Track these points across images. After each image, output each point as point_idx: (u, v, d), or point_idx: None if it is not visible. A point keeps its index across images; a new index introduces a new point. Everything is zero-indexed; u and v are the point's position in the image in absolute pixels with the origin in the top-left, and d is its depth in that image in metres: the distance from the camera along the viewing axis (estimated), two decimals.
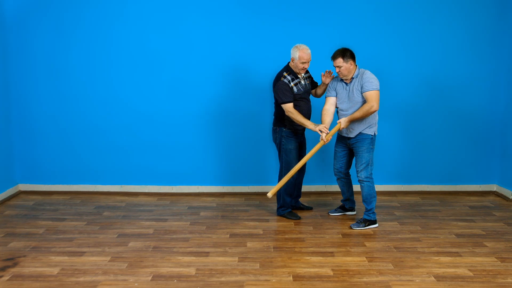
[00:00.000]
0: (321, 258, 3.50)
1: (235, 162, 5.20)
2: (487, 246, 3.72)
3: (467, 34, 5.03)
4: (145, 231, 4.04)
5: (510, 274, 3.24)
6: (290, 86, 4.11)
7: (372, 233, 4.03)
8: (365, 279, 3.16)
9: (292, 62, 4.14)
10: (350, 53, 3.97)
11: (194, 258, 3.50)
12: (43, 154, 5.17)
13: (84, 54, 5.01)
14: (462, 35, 5.03)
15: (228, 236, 3.95)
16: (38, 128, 5.13)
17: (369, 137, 4.06)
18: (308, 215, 4.48)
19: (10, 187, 5.08)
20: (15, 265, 3.35)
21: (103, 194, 5.17)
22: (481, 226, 4.19)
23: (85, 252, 3.60)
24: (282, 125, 4.27)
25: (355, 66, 4.02)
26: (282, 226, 4.19)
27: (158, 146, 5.16)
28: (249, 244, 3.77)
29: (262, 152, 5.18)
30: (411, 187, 5.30)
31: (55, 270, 3.27)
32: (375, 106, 3.90)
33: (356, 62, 4.06)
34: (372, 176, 4.09)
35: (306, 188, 5.13)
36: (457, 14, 5.00)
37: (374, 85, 3.92)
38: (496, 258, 3.50)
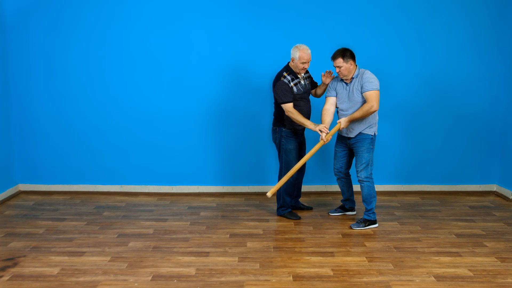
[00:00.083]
0: (321, 258, 3.50)
1: (235, 162, 5.20)
2: (487, 246, 3.72)
3: (467, 34, 5.03)
4: (145, 231, 4.05)
5: (510, 274, 3.24)
6: (290, 86, 4.11)
7: (372, 233, 4.03)
8: (365, 279, 3.16)
9: (292, 62, 4.14)
10: (350, 53, 3.97)
11: (194, 258, 3.50)
12: (43, 154, 5.17)
13: (84, 54, 5.01)
14: (462, 35, 5.03)
15: (228, 236, 3.95)
16: (38, 128, 5.13)
17: (369, 137, 4.06)
18: (308, 215, 4.48)
19: (10, 187, 5.08)
20: (15, 265, 3.35)
21: (103, 194, 5.17)
22: (481, 226, 4.19)
23: (85, 252, 3.60)
24: (281, 125, 4.27)
25: (355, 66, 4.02)
26: (282, 226, 4.19)
27: (158, 146, 5.16)
28: (249, 244, 3.77)
29: (262, 152, 5.18)
30: (411, 187, 5.30)
31: (55, 270, 3.27)
32: (375, 106, 3.90)
33: (356, 62, 4.06)
34: (372, 176, 4.09)
35: (306, 188, 5.14)
36: (457, 14, 5.00)
37: (374, 85, 3.92)
38: (496, 258, 3.50)
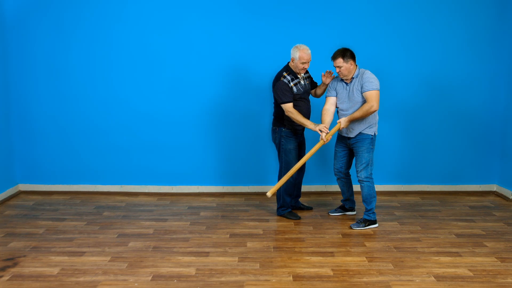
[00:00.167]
0: (321, 258, 3.50)
1: (235, 162, 5.20)
2: (487, 246, 3.72)
3: (467, 34, 5.03)
4: (145, 231, 4.04)
5: (510, 274, 3.24)
6: (290, 86, 4.11)
7: (372, 233, 4.03)
8: (365, 279, 3.16)
9: (292, 62, 4.14)
10: (350, 53, 3.97)
11: (194, 258, 3.50)
12: (43, 154, 5.17)
13: (84, 54, 5.01)
14: (462, 35, 5.03)
15: (228, 236, 3.95)
16: (38, 128, 5.13)
17: (369, 137, 4.06)
18: (308, 215, 4.48)
19: (10, 187, 5.08)
20: (15, 265, 3.35)
21: (103, 194, 5.17)
22: (481, 226, 4.19)
23: (85, 252, 3.60)
24: (281, 125, 4.27)
25: (355, 66, 4.02)
26: (282, 226, 4.19)
27: (158, 146, 5.16)
28: (249, 244, 3.77)
29: (262, 152, 5.18)
30: (411, 187, 5.30)
31: (55, 270, 3.27)
32: (375, 106, 3.90)
33: (356, 62, 4.06)
34: (372, 176, 4.09)
35: (306, 188, 5.14)
36: (457, 14, 5.00)
37: (374, 85, 3.92)
38: (496, 258, 3.50)
